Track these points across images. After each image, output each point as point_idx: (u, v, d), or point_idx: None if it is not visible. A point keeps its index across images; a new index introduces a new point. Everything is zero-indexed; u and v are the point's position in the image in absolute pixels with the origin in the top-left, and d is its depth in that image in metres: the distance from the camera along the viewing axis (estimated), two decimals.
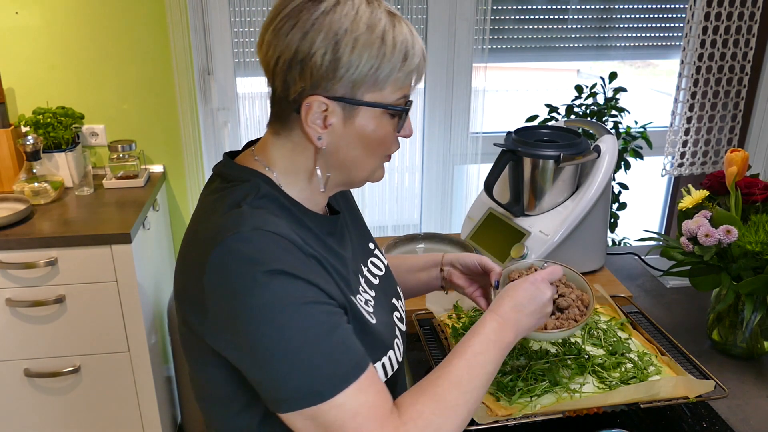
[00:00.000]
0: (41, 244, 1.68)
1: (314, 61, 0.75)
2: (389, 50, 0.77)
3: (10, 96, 2.04)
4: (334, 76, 0.76)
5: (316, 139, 0.80)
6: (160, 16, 2.02)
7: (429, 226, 2.46)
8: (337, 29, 0.75)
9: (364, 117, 0.80)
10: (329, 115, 0.79)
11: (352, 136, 0.81)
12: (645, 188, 2.57)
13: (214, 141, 2.23)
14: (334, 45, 0.75)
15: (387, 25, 0.78)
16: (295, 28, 0.76)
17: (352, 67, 0.76)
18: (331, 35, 0.75)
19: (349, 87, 0.78)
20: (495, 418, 0.97)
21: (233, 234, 0.73)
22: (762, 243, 1.13)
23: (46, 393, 1.84)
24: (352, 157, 0.84)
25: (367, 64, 0.77)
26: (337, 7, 0.76)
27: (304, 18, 0.76)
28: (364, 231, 1.05)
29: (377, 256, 1.04)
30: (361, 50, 0.76)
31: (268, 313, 0.71)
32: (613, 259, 1.64)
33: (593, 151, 1.45)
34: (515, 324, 0.89)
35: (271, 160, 0.85)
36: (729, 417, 1.07)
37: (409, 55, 0.79)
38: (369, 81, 0.78)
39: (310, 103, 0.78)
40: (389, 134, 0.84)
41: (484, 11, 2.16)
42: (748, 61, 2.27)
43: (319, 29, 0.75)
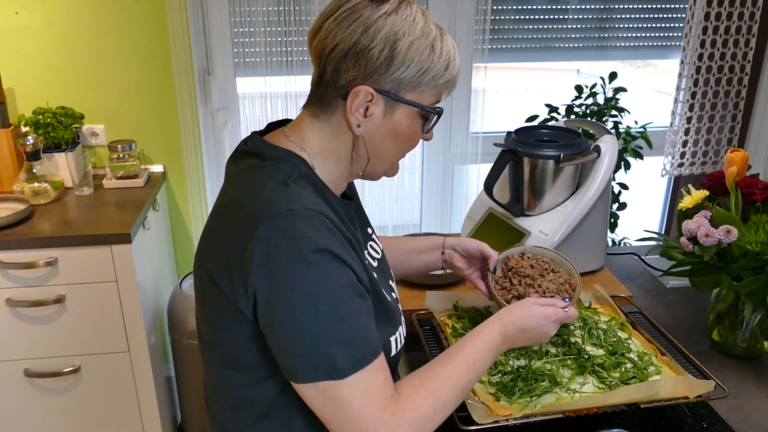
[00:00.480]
0: (41, 244, 1.68)
1: (371, 55, 0.83)
2: (436, 58, 0.86)
3: (10, 96, 2.04)
4: (386, 71, 0.84)
5: (356, 126, 0.87)
6: (160, 16, 2.02)
7: (429, 226, 2.46)
8: (397, 30, 0.83)
9: (402, 113, 0.88)
10: (372, 106, 0.86)
11: (387, 129, 0.89)
12: (645, 188, 2.57)
13: (214, 141, 2.23)
14: (393, 43, 0.83)
15: (437, 35, 0.87)
16: (358, 21, 0.83)
17: (404, 66, 0.84)
18: (391, 34, 0.83)
19: (395, 84, 0.85)
20: (495, 418, 0.97)
21: (286, 210, 0.78)
22: (762, 243, 1.13)
23: (46, 393, 1.84)
24: (381, 149, 0.91)
25: (416, 66, 0.84)
26: (399, 11, 0.84)
27: (367, 14, 0.83)
28: (364, 216, 1.10)
29: (374, 240, 1.08)
30: (413, 53, 0.84)
31: (309, 290, 0.76)
32: (613, 259, 1.64)
33: (593, 151, 1.45)
34: (513, 342, 0.98)
35: (307, 142, 0.90)
36: (729, 417, 1.07)
37: (450, 66, 0.88)
38: (414, 82, 0.85)
39: (359, 91, 0.84)
40: (417, 134, 0.91)
41: (484, 11, 2.16)
42: (748, 61, 2.27)
43: (381, 27, 0.82)
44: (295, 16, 2.09)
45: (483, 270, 1.20)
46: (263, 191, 0.82)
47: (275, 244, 0.77)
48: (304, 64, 2.15)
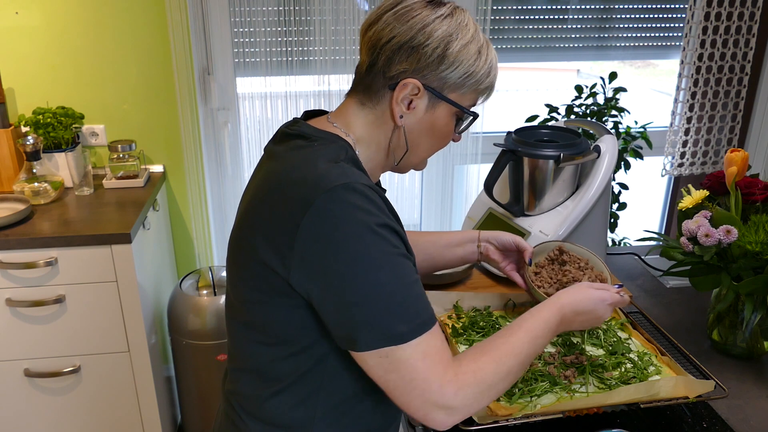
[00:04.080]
0: (41, 244, 1.68)
1: (425, 51, 0.87)
2: (481, 63, 0.90)
3: (10, 96, 2.04)
4: (436, 69, 0.88)
5: (398, 116, 0.91)
6: (160, 16, 2.02)
7: (429, 226, 2.46)
8: (452, 32, 0.88)
9: (442, 111, 0.92)
10: (417, 99, 0.90)
11: (426, 123, 0.93)
12: (645, 188, 2.57)
13: (214, 141, 2.23)
14: (447, 44, 0.87)
15: (484, 43, 0.91)
16: (416, 18, 0.87)
17: (452, 66, 0.88)
18: (446, 35, 0.87)
19: (442, 82, 0.89)
20: (495, 418, 0.97)
21: (343, 183, 0.80)
22: (762, 243, 1.13)
23: (46, 393, 1.84)
24: (418, 142, 0.95)
25: (463, 68, 0.89)
26: (453, 15, 0.89)
27: (425, 14, 0.88)
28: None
29: None
30: (463, 55, 0.88)
31: (369, 259, 0.79)
32: (613, 259, 1.64)
33: (593, 151, 1.45)
34: (569, 324, 1.00)
35: (351, 127, 0.93)
36: (729, 417, 1.07)
37: (492, 73, 0.93)
38: (458, 83, 0.90)
39: (407, 83, 0.88)
40: (450, 133, 0.96)
41: (484, 11, 2.16)
42: (748, 61, 2.26)
43: (437, 27, 0.87)
44: (295, 16, 2.09)
45: (518, 263, 1.23)
46: (315, 167, 0.84)
47: (332, 215, 0.78)
48: (304, 64, 2.15)
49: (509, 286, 1.44)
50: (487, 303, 1.29)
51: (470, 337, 1.19)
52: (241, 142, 2.26)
